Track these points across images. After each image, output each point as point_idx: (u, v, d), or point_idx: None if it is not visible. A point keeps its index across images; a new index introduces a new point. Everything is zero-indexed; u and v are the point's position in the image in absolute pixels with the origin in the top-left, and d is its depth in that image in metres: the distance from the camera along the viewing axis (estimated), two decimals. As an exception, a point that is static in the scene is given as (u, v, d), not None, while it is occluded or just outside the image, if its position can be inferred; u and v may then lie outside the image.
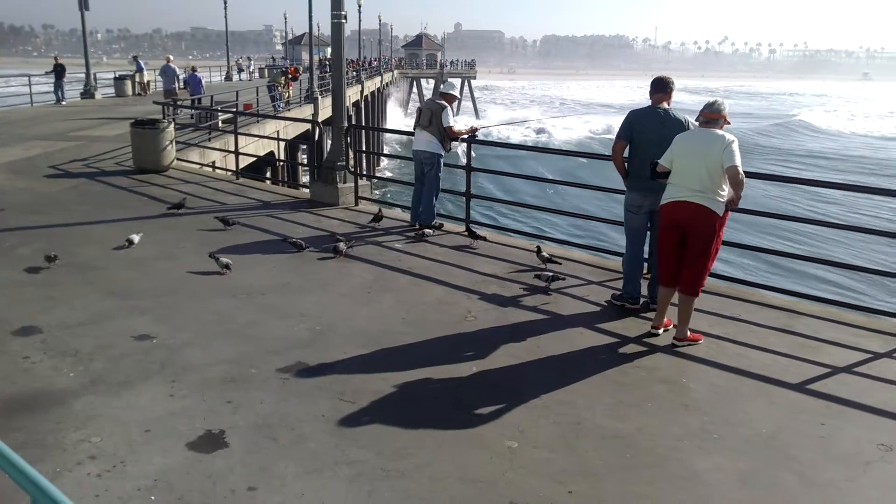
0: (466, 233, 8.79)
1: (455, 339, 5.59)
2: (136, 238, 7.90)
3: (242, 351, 5.24)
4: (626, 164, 6.21)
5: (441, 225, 9.14)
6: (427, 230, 8.72)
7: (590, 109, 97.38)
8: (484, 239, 8.37)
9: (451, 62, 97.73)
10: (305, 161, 30.38)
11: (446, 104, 8.82)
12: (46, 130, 18.30)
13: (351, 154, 10.59)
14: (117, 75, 32.28)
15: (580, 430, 4.29)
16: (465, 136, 8.94)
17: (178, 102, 16.13)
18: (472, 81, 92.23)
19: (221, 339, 5.47)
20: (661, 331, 5.72)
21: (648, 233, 6.30)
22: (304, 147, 29.95)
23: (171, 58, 27.06)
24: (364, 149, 35.50)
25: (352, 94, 37.13)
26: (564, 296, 6.68)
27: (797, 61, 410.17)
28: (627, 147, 6.15)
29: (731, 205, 5.43)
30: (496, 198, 13.53)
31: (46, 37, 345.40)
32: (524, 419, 4.38)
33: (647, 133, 5.99)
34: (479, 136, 9.19)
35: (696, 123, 5.79)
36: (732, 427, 4.40)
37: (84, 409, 4.37)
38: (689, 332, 5.57)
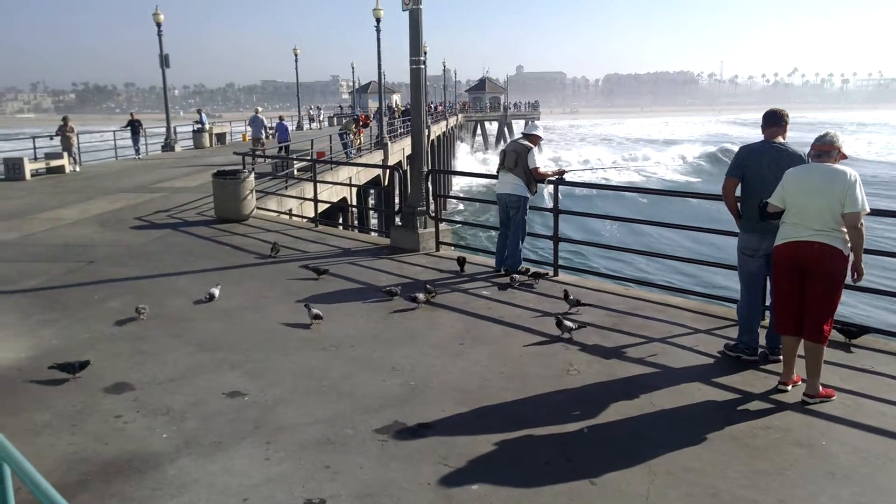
0: (528, 274, 8.51)
1: (560, 395, 5.21)
2: (216, 291, 7.82)
3: (336, 409, 4.99)
4: (738, 204, 5.78)
5: (528, 270, 8.82)
6: (516, 276, 8.40)
7: (664, 145, 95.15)
8: (545, 276, 7.90)
9: (515, 104, 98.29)
10: (376, 205, 30.81)
11: (532, 145, 8.59)
12: (131, 183, 18.92)
13: (431, 199, 10.43)
14: (196, 128, 33.40)
15: (717, 503, 3.82)
16: (552, 178, 8.66)
17: (258, 152, 16.37)
18: (537, 122, 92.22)
19: (314, 395, 5.24)
20: (790, 387, 5.20)
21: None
22: (373, 192, 30.33)
23: (260, 109, 29.26)
24: (440, 193, 35.88)
25: (408, 143, 37.48)
26: (672, 346, 6.23)
27: (872, 91, 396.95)
28: (739, 186, 5.73)
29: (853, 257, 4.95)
30: (586, 241, 13.14)
31: (128, 94, 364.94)
32: (651, 488, 3.95)
33: (762, 170, 5.57)
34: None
35: (804, 155, 5.37)
36: (890, 499, 3.86)
37: (179, 474, 4.17)
38: (821, 388, 5.04)
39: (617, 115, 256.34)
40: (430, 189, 10.56)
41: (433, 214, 10.37)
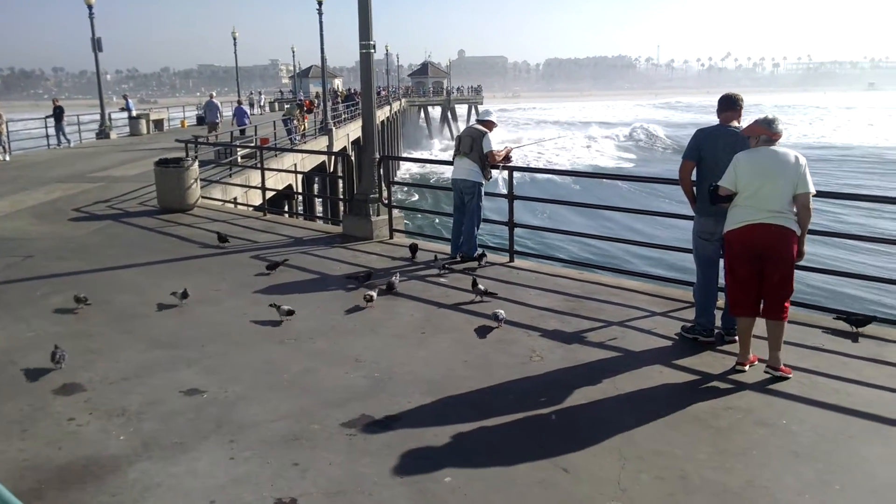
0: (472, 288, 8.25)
1: (525, 382, 5.21)
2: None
3: (300, 404, 4.88)
4: (694, 188, 5.86)
5: (484, 256, 8.80)
6: (470, 262, 8.39)
7: (605, 127, 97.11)
8: (494, 295, 7.39)
9: (458, 89, 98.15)
10: (321, 192, 30.37)
11: (487, 130, 8.54)
12: (66, 172, 18.17)
13: (383, 186, 10.31)
14: (133, 114, 32.30)
15: (687, 485, 3.88)
16: (502, 162, 8.64)
17: (211, 138, 15.89)
18: (479, 106, 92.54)
19: (276, 391, 5.11)
20: (747, 367, 5.32)
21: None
22: (318, 179, 29.89)
23: (214, 94, 29.70)
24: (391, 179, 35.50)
25: (353, 128, 37.12)
26: (630, 329, 6.30)
27: (801, 74, 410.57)
28: (695, 169, 5.81)
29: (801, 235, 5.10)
30: (541, 226, 13.21)
31: (57, 79, 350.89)
32: (622, 473, 3.98)
33: (718, 153, 5.65)
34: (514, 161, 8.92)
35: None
36: (852, 476, 3.98)
37: (140, 477, 4.01)
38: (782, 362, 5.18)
39: (557, 98, 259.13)
40: (383, 176, 10.43)
41: (386, 202, 10.25)
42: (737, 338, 5.59)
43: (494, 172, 8.85)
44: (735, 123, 5.76)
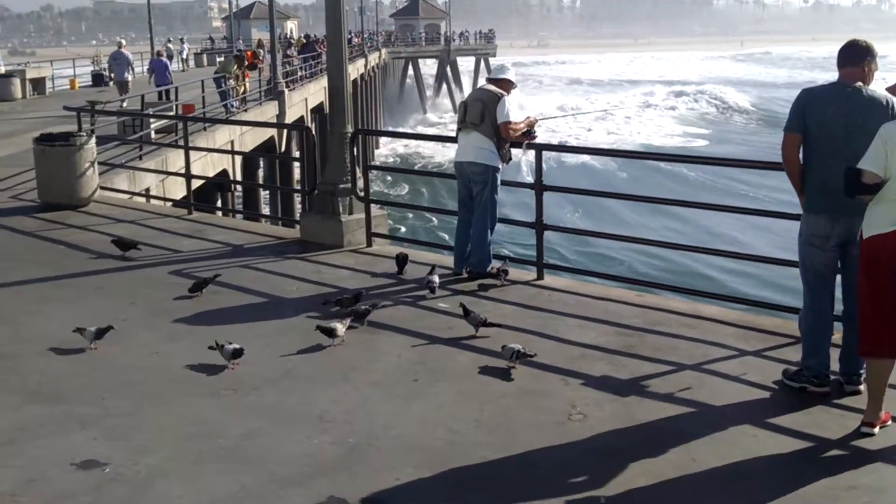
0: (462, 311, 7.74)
1: (561, 451, 5.22)
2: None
3: (243, 482, 4.88)
4: (803, 173, 5.90)
5: (503, 269, 8.79)
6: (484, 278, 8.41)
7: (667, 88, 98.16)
8: (503, 327, 7.31)
9: (461, 34, 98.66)
10: (269, 180, 30.48)
11: (503, 92, 8.58)
12: None
13: (359, 172, 10.35)
14: (2, 71, 32.44)
15: None
16: (522, 139, 8.67)
17: (99, 106, 15.98)
18: (491, 60, 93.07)
19: (208, 463, 5.13)
20: (877, 429, 5.31)
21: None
22: (265, 161, 30.02)
23: (124, 43, 30.50)
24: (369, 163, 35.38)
25: (314, 91, 37.31)
26: (710, 375, 6.31)
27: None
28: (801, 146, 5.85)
29: None
30: (582, 230, 13.24)
31: None
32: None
33: (831, 124, 5.69)
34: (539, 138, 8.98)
35: (890, 106, 5.53)
36: None
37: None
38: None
39: (601, 48, 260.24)
40: (357, 158, 10.46)
41: (362, 194, 10.28)
42: (864, 387, 5.56)
43: (516, 152, 8.87)
44: (860, 83, 5.77)
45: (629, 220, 32.70)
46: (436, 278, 8.32)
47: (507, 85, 8.76)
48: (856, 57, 5.81)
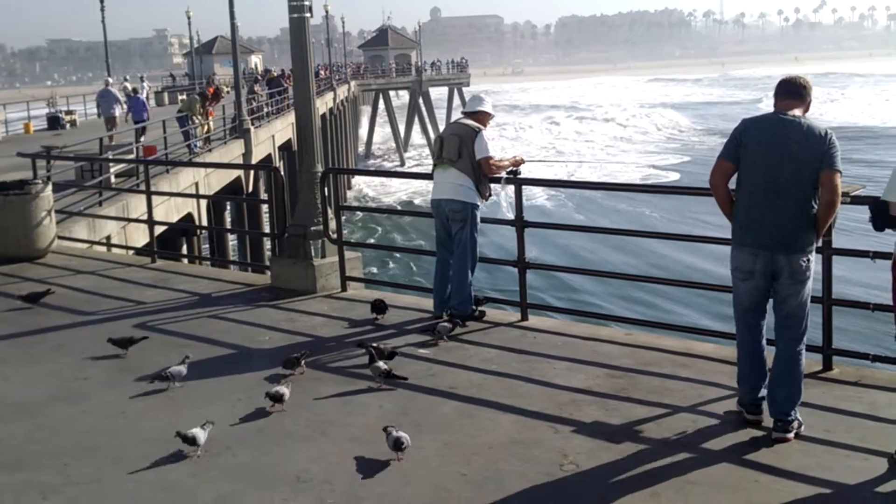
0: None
1: (555, 504, 5.15)
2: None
3: (217, 551, 4.78)
4: (733, 199, 6.06)
5: (483, 313, 8.77)
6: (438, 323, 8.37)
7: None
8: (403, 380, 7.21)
9: (433, 64, 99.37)
10: (236, 224, 30.42)
11: (480, 126, 8.60)
12: None
13: (330, 213, 10.31)
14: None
15: None
16: (505, 172, 8.70)
17: (55, 151, 15.89)
18: (465, 90, 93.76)
19: (179, 532, 5.01)
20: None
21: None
22: (230, 204, 29.96)
23: (111, 80, 32.98)
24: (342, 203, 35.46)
25: (281, 127, 37.41)
26: (707, 416, 6.29)
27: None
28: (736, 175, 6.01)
29: None
30: (566, 266, 13.26)
31: None
32: None
33: (764, 153, 5.79)
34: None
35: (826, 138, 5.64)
36: None
37: None
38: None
39: (578, 74, 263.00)
40: (329, 198, 10.43)
41: (335, 237, 10.24)
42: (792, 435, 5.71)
43: (495, 187, 8.87)
44: (796, 112, 5.87)
45: (612, 256, 32.96)
46: (447, 325, 8.28)
47: (484, 117, 8.79)
48: (794, 91, 5.96)
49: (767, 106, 6.19)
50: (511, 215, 9.20)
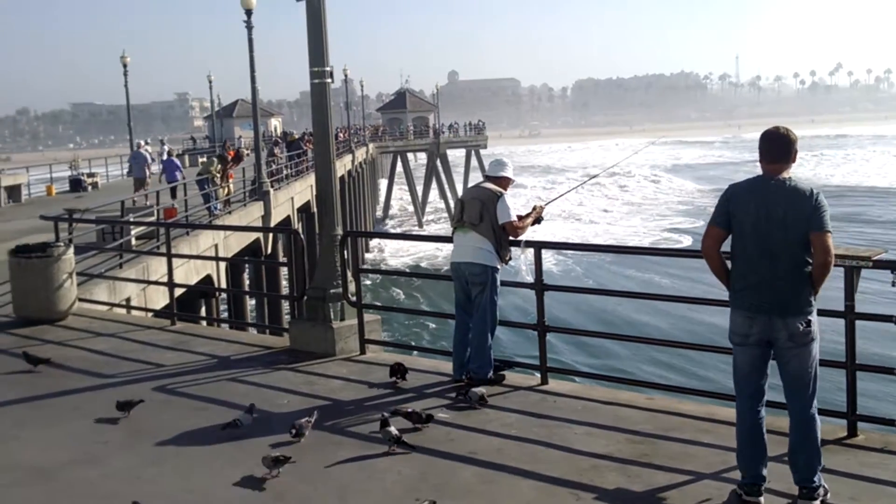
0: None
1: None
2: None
3: None
4: (728, 266, 6.05)
5: (502, 377, 8.73)
6: (480, 388, 8.31)
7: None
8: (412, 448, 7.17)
9: (451, 126, 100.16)
10: (255, 287, 30.47)
11: (501, 190, 8.65)
12: None
13: (349, 275, 10.33)
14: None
15: None
16: (529, 225, 8.79)
17: (77, 214, 16.05)
18: (482, 151, 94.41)
19: None
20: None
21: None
22: (250, 266, 30.06)
23: (142, 143, 34.15)
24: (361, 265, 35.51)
25: (300, 189, 37.67)
26: (730, 483, 6.17)
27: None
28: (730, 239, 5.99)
29: None
30: (587, 331, 13.17)
31: None
32: None
33: (752, 217, 5.79)
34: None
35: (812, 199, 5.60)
36: None
37: None
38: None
39: (595, 136, 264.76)
40: (348, 261, 10.46)
41: (354, 299, 10.24)
42: None
43: (514, 250, 8.88)
44: (785, 174, 5.85)
45: (636, 317, 32.79)
46: (480, 389, 8.23)
47: (506, 182, 8.85)
48: (784, 151, 5.91)
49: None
50: (530, 278, 9.18)
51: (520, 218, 8.67)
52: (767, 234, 5.68)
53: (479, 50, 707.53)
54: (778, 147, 5.91)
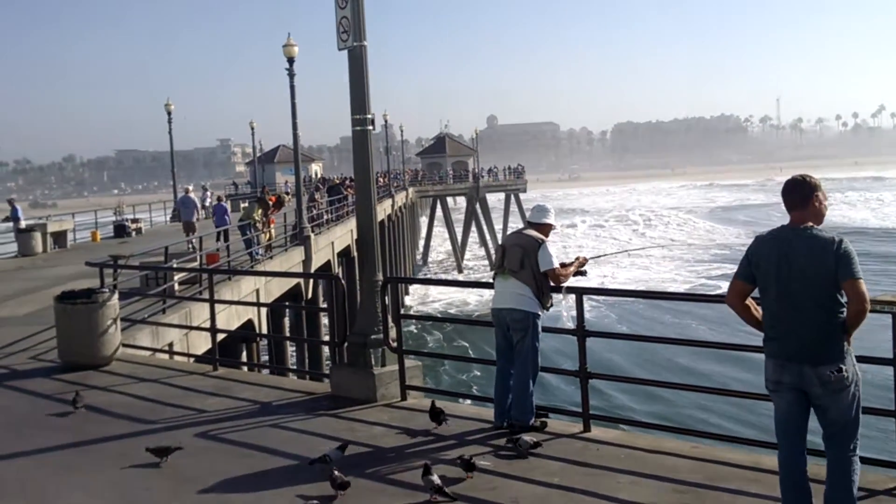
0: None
1: None
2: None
3: None
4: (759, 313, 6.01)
5: (544, 423, 8.66)
6: (524, 436, 8.24)
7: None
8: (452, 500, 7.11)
9: (490, 170, 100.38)
10: (295, 331, 30.59)
11: (543, 238, 8.66)
12: (-75, 313, 18.50)
13: (390, 321, 10.34)
14: (22, 225, 33.22)
15: None
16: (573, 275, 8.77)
17: (121, 261, 16.24)
18: (522, 195, 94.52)
19: None
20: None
21: None
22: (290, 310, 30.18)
23: (190, 188, 36.62)
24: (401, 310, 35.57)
25: (340, 234, 37.86)
26: (779, 535, 6.07)
27: None
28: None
29: None
30: (630, 377, 13.09)
31: None
32: None
33: (774, 269, 5.75)
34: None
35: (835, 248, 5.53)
36: None
37: None
38: None
39: (633, 178, 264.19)
40: (388, 307, 10.48)
41: (394, 345, 10.24)
42: None
43: (555, 296, 8.86)
44: (809, 223, 5.79)
45: (683, 363, 32.45)
46: (531, 437, 8.17)
47: (548, 229, 8.86)
48: (802, 198, 5.87)
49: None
50: (571, 324, 9.15)
51: (563, 266, 8.69)
52: (789, 285, 5.65)
53: (517, 94, 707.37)
54: (793, 194, 5.90)
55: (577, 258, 8.99)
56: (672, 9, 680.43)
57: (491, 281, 9.02)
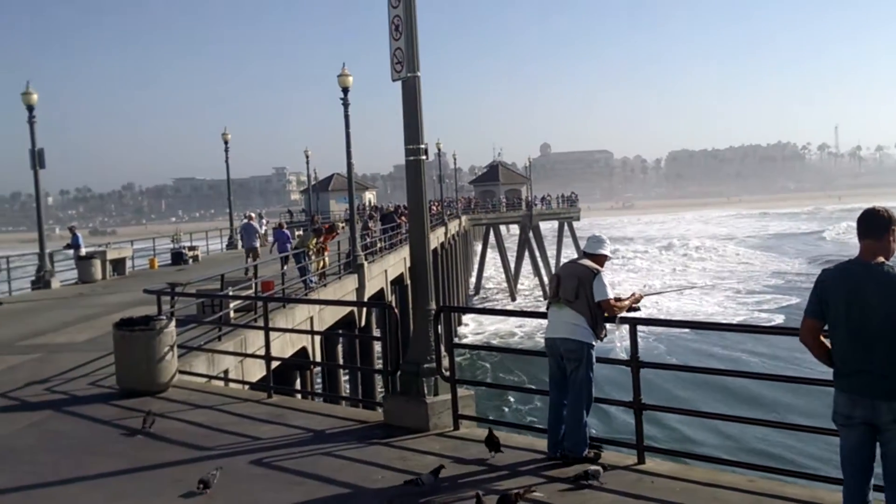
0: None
1: None
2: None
3: None
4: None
5: (598, 455, 8.60)
6: (589, 468, 8.17)
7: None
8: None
9: (543, 199, 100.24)
10: (349, 360, 30.69)
11: (598, 268, 8.63)
12: (-12, 339, 18.86)
13: (443, 350, 10.34)
14: (83, 253, 33.78)
15: None
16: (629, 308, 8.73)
17: (178, 288, 16.44)
18: (575, 224, 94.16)
19: None
20: None
21: None
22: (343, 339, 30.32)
23: (252, 215, 37.95)
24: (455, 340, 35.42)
25: (393, 262, 38.00)
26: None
27: None
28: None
29: None
30: (685, 409, 12.94)
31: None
32: None
33: (848, 308, 5.65)
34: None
35: None
36: None
37: None
38: None
39: (688, 207, 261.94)
40: (441, 336, 10.48)
41: (447, 374, 10.24)
42: None
43: (609, 326, 8.82)
44: (881, 259, 5.70)
45: (740, 395, 31.96)
46: (596, 468, 8.12)
47: (602, 259, 8.85)
48: (876, 229, 5.79)
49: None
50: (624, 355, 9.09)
51: (617, 300, 8.64)
52: (861, 322, 5.57)
53: (571, 122, 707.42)
54: (869, 223, 5.82)
55: (633, 294, 8.95)
56: (727, 36, 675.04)
57: (545, 310, 9.02)
